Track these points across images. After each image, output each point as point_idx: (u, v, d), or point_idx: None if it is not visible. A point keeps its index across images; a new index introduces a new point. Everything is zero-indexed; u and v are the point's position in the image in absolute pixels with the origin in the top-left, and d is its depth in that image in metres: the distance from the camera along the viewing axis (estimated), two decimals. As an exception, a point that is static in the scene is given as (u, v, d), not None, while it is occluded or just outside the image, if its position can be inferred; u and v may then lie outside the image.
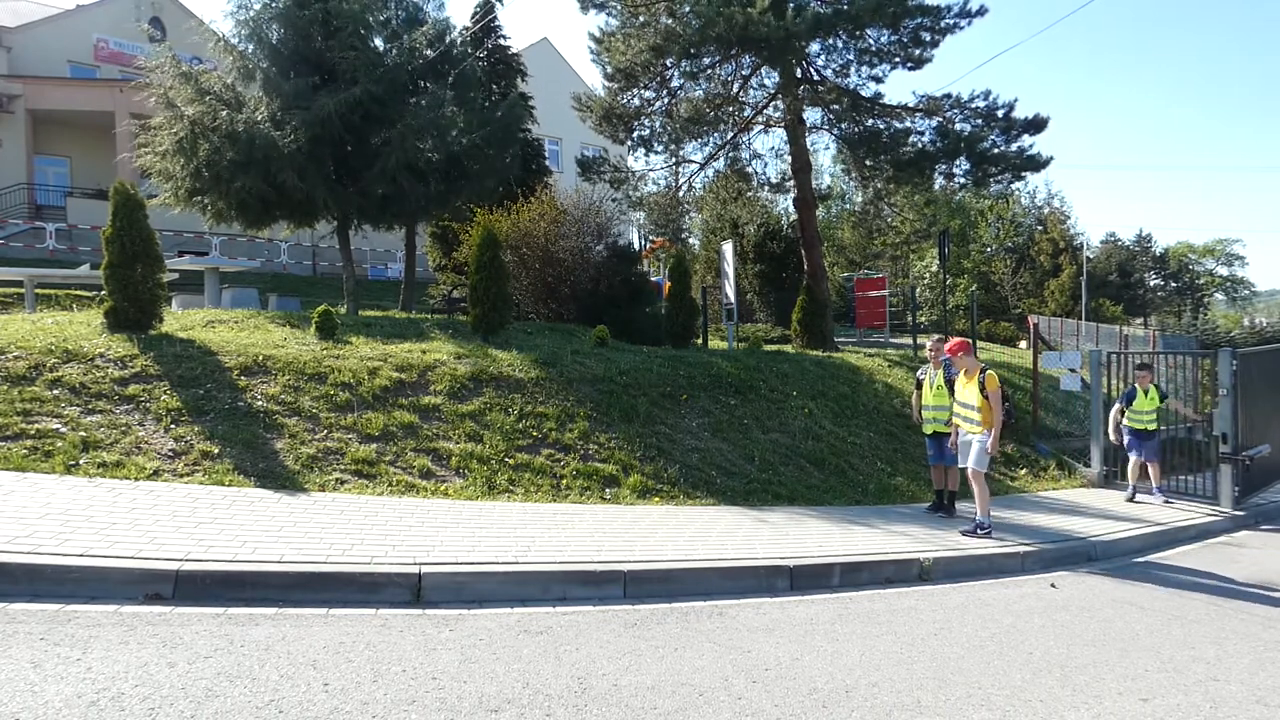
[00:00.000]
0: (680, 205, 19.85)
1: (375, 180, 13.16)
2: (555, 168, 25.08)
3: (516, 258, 13.17)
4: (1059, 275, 40.80)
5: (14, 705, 2.85)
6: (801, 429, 9.47)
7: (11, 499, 4.89)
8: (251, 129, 12.30)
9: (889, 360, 13.89)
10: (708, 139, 17.62)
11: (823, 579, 5.59)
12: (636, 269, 16.42)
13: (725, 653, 4.07)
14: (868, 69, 15.63)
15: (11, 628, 3.50)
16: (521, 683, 3.49)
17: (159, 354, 7.43)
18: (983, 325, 30.55)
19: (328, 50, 13.15)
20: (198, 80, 12.81)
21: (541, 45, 35.36)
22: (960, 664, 4.15)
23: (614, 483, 7.23)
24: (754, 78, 16.98)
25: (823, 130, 17.32)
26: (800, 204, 17.25)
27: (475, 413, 7.67)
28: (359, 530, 5.15)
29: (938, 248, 16.66)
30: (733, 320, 14.98)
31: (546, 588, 4.78)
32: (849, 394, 11.16)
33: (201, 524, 4.87)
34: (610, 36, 16.04)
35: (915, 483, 9.05)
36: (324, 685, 3.28)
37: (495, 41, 20.39)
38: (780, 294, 22.96)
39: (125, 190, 8.08)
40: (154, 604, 3.96)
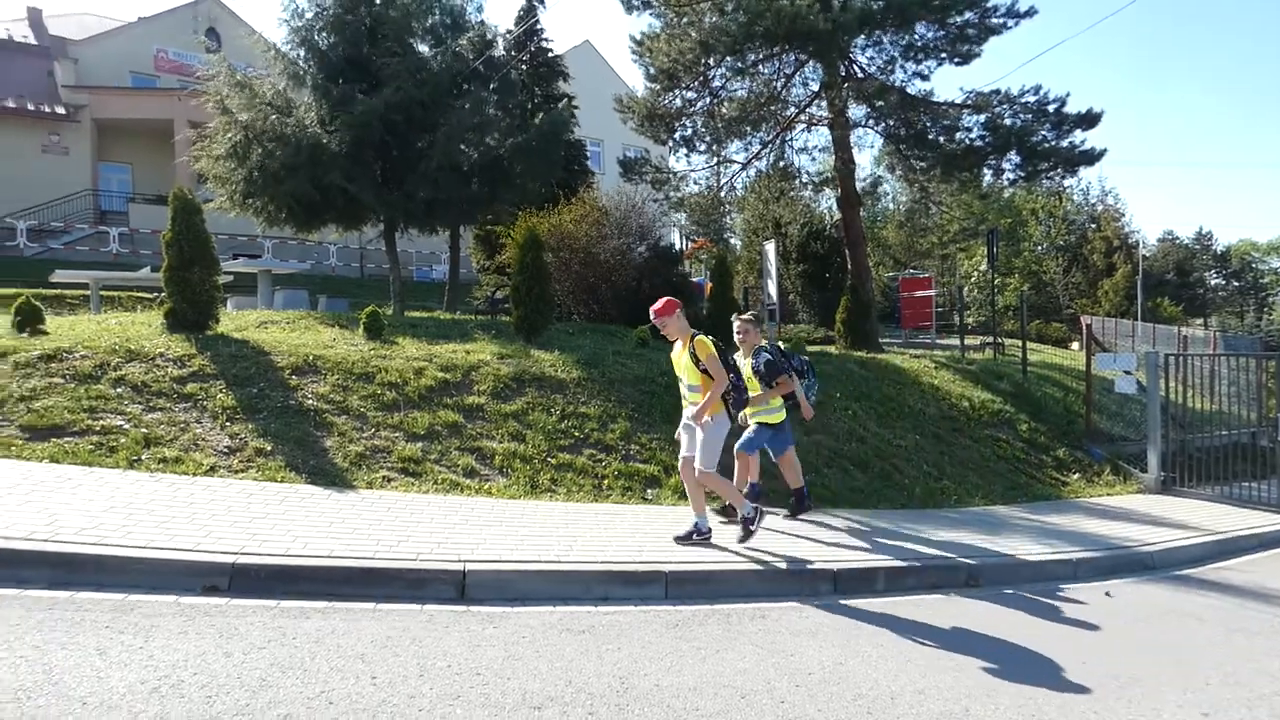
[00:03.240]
0: (722, 206, 19.78)
1: (419, 183, 13.39)
2: (597, 169, 25.20)
3: (558, 259, 13.26)
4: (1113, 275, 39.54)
5: (81, 690, 2.98)
6: (845, 431, 9.35)
7: (79, 492, 5.10)
8: (300, 132, 12.62)
9: (935, 362, 13.64)
10: (750, 139, 17.53)
11: (867, 583, 5.51)
12: (678, 270, 16.39)
13: (768, 656, 4.04)
14: (914, 65, 15.38)
15: (79, 615, 3.65)
16: (564, 680, 3.52)
17: (215, 354, 7.67)
18: (1033, 326, 29.79)
19: (373, 56, 13.42)
20: (251, 87, 13.20)
21: (583, 47, 35.56)
22: (1009, 672, 4.05)
23: (655, 483, 7.23)
24: (797, 75, 16.83)
25: (867, 128, 17.08)
26: (844, 203, 17.05)
27: (518, 413, 7.75)
28: (405, 527, 5.25)
29: (986, 246, 16.32)
30: (775, 321, 14.86)
31: (588, 587, 4.80)
32: (894, 396, 10.98)
33: (255, 519, 5.01)
34: (652, 38, 16.06)
35: (963, 487, 8.87)
36: (372, 678, 3.35)
37: (538, 45, 20.58)
38: (823, 294, 22.70)
39: (183, 196, 8.36)
40: (211, 596, 4.09)
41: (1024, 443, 10.84)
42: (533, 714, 3.18)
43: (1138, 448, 11.25)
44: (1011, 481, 9.54)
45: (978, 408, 11.39)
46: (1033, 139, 14.75)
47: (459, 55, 14.26)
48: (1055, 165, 15.26)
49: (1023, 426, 11.26)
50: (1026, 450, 10.64)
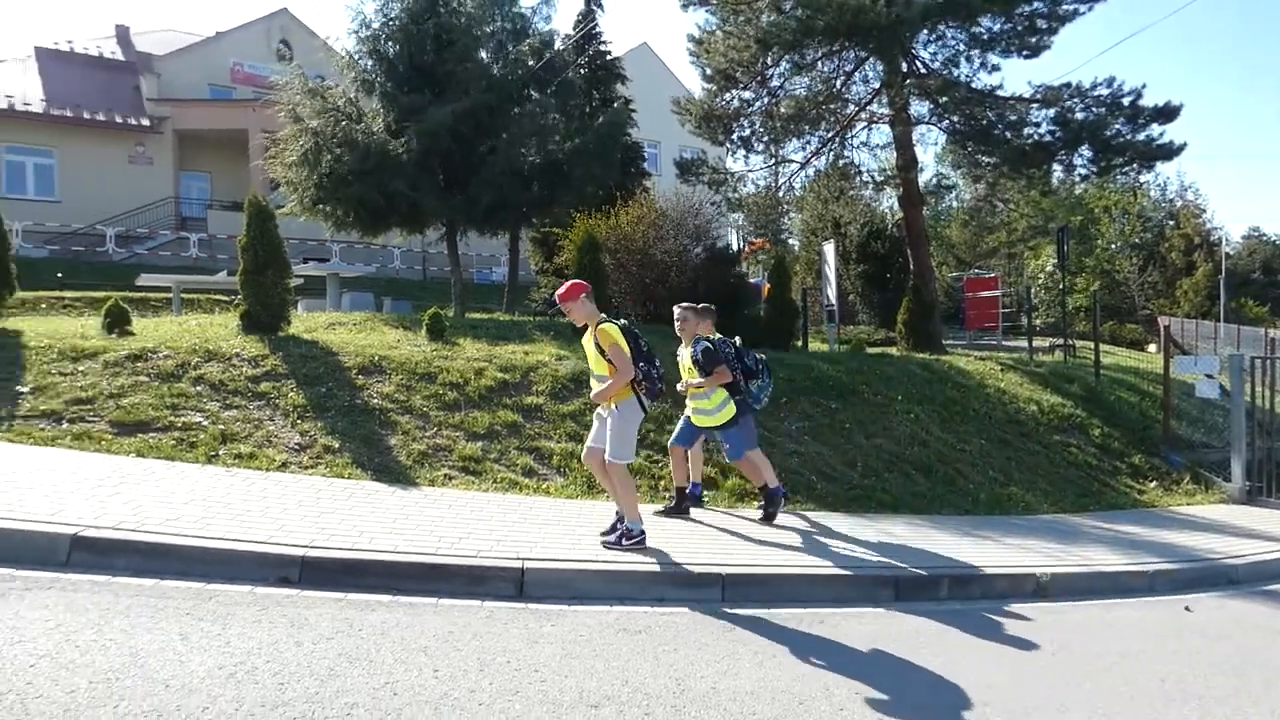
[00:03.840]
0: (780, 206, 19.61)
1: (481, 187, 13.64)
2: (654, 170, 25.23)
3: (615, 261, 13.32)
4: (1193, 274, 37.70)
5: (165, 673, 3.13)
6: (907, 434, 9.15)
7: (162, 485, 5.37)
8: (369, 139, 13.02)
9: (1001, 364, 13.23)
10: (809, 137, 17.32)
11: (929, 590, 5.39)
12: (735, 271, 16.28)
13: (827, 662, 3.98)
14: (979, 59, 14.97)
15: (162, 602, 3.84)
16: (621, 680, 3.54)
17: (286, 354, 7.97)
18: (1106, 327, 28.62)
19: (439, 64, 13.74)
20: (321, 95, 13.67)
21: (641, 50, 35.66)
22: (1082, 687, 3.91)
23: (711, 485, 7.21)
24: (858, 72, 16.55)
25: (930, 124, 16.70)
26: (906, 202, 16.70)
27: (576, 413, 7.82)
28: (466, 524, 5.35)
29: (1056, 245, 15.73)
30: (834, 322, 14.65)
31: (644, 587, 4.82)
32: (958, 399, 10.70)
33: (324, 514, 5.18)
34: (710, 36, 16.02)
35: (1031, 493, 8.58)
36: (434, 671, 3.43)
37: (596, 48, 20.72)
38: (884, 295, 22.26)
39: (258, 202, 8.72)
40: (283, 587, 4.25)
41: (1096, 449, 10.42)
42: (590, 712, 3.21)
43: (1220, 455, 10.69)
44: (1083, 489, 9.19)
45: (1047, 412, 11.01)
46: (1106, 133, 14.18)
47: (520, 61, 14.50)
48: (1130, 160, 14.66)
49: (1095, 432, 10.82)
50: (1099, 457, 10.23)
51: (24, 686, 2.91)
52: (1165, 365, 11.79)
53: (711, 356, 6.04)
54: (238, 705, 2.95)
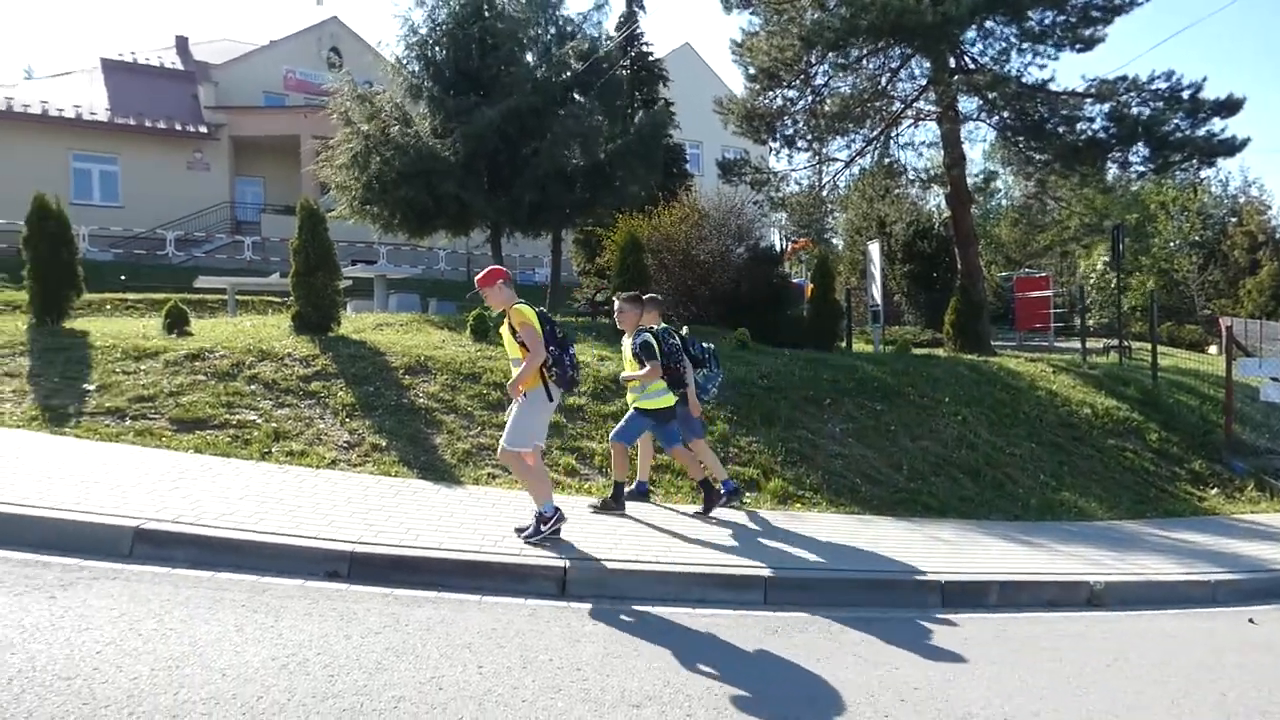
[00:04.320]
0: (824, 205, 19.40)
1: (525, 189, 13.79)
2: (696, 171, 25.20)
3: (657, 261, 13.34)
4: (1257, 273, 36.11)
5: (222, 662, 3.24)
6: (954, 437, 8.97)
7: (218, 480, 5.54)
8: (417, 143, 13.27)
9: (1053, 365, 12.88)
10: (853, 136, 17.10)
11: (978, 597, 5.28)
12: (778, 271, 16.17)
13: (871, 668, 3.93)
14: (1030, 53, 14.60)
15: (219, 594, 3.97)
16: (662, 681, 3.54)
17: (336, 354, 8.16)
18: (1164, 328, 27.65)
19: (484, 68, 13.93)
20: (371, 100, 13.97)
21: (683, 50, 35.61)
22: (1138, 700, 3.79)
23: (754, 486, 7.17)
24: (903, 69, 16.29)
25: (979, 121, 16.36)
26: (953, 200, 16.37)
27: (617, 413, 7.83)
28: (509, 523, 5.41)
29: (1111, 243, 15.25)
30: (879, 322, 14.44)
31: (686, 588, 4.81)
32: (1008, 401, 10.45)
33: (372, 510, 5.30)
34: (753, 36, 15.93)
35: (1084, 498, 8.34)
36: (478, 667, 3.48)
37: (638, 50, 20.79)
38: (931, 295, 21.86)
39: (309, 206, 8.95)
40: (332, 581, 4.35)
41: (1154, 454, 10.08)
42: (632, 712, 3.22)
43: (1288, 462, 10.26)
44: (1139, 495, 8.90)
45: (1101, 415, 10.69)
46: (1163, 128, 13.71)
47: (564, 63, 14.62)
48: (1189, 156, 14.15)
49: (1152, 436, 10.47)
50: (1156, 462, 9.89)
51: (90, 672, 3.03)
52: (1227, 367, 11.34)
53: (649, 350, 5.88)
54: (290, 695, 3.03)
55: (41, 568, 4.00)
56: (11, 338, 8.08)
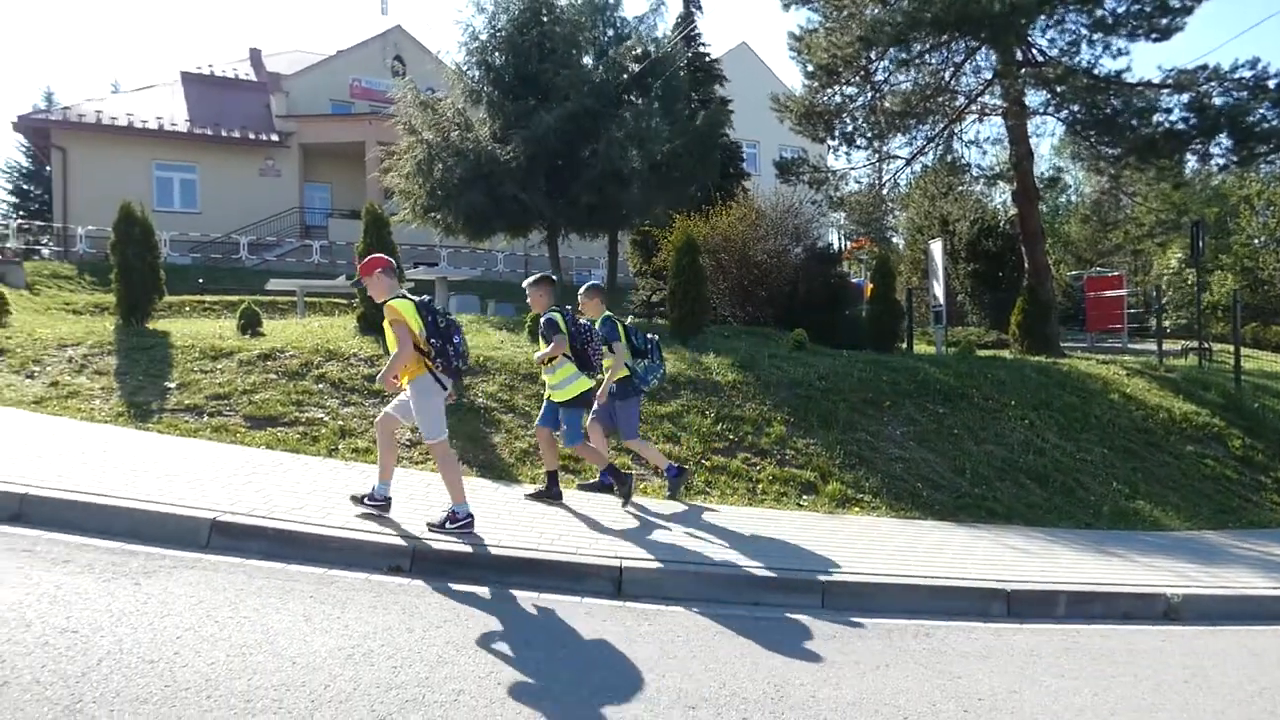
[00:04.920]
0: (884, 203, 19.00)
1: (583, 190, 13.92)
2: (753, 171, 25.00)
3: (714, 262, 13.30)
4: (1354, 270, 33.91)
5: (292, 651, 3.36)
6: (1021, 442, 8.69)
7: (289, 475, 5.76)
8: (478, 148, 13.53)
9: (1127, 368, 12.36)
10: (915, 132, 16.71)
11: (1045, 607, 5.10)
12: (836, 271, 15.96)
13: (932, 676, 3.85)
14: (1102, 43, 14.02)
15: (289, 585, 4.12)
16: (718, 683, 3.53)
17: (399, 354, 8.36)
18: (1248, 329, 26.22)
19: (543, 71, 14.11)
20: (433, 107, 14.31)
21: (740, 49, 35.39)
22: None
23: (811, 489, 7.08)
24: (968, 63, 15.84)
25: (1048, 115, 15.77)
26: (1020, 197, 15.87)
27: (673, 414, 7.85)
28: (565, 522, 5.48)
29: (1190, 240, 14.54)
30: (942, 323, 14.09)
31: (740, 591, 4.79)
32: (1078, 405, 10.07)
33: (432, 507, 5.41)
34: (811, 33, 15.72)
35: (1160, 507, 7.98)
36: (536, 664, 3.53)
37: (695, 50, 20.74)
38: (996, 295, 21.22)
39: (374, 211, 9.21)
40: (395, 575, 4.47)
41: (1237, 461, 9.58)
42: (687, 713, 3.22)
43: (1388, 472, 9.62)
44: (1221, 504, 8.47)
45: (1179, 420, 10.21)
46: (1248, 119, 13.02)
47: (621, 65, 14.71)
48: (1276, 148, 13.38)
49: (1235, 443, 9.95)
50: (1240, 470, 9.40)
51: (171, 656, 3.19)
52: (1320, 371, 10.70)
53: (551, 327, 5.77)
54: (355, 685, 3.13)
55: (127, 556, 4.22)
56: (100, 338, 8.54)
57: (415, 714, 2.97)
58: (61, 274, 18.86)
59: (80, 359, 7.94)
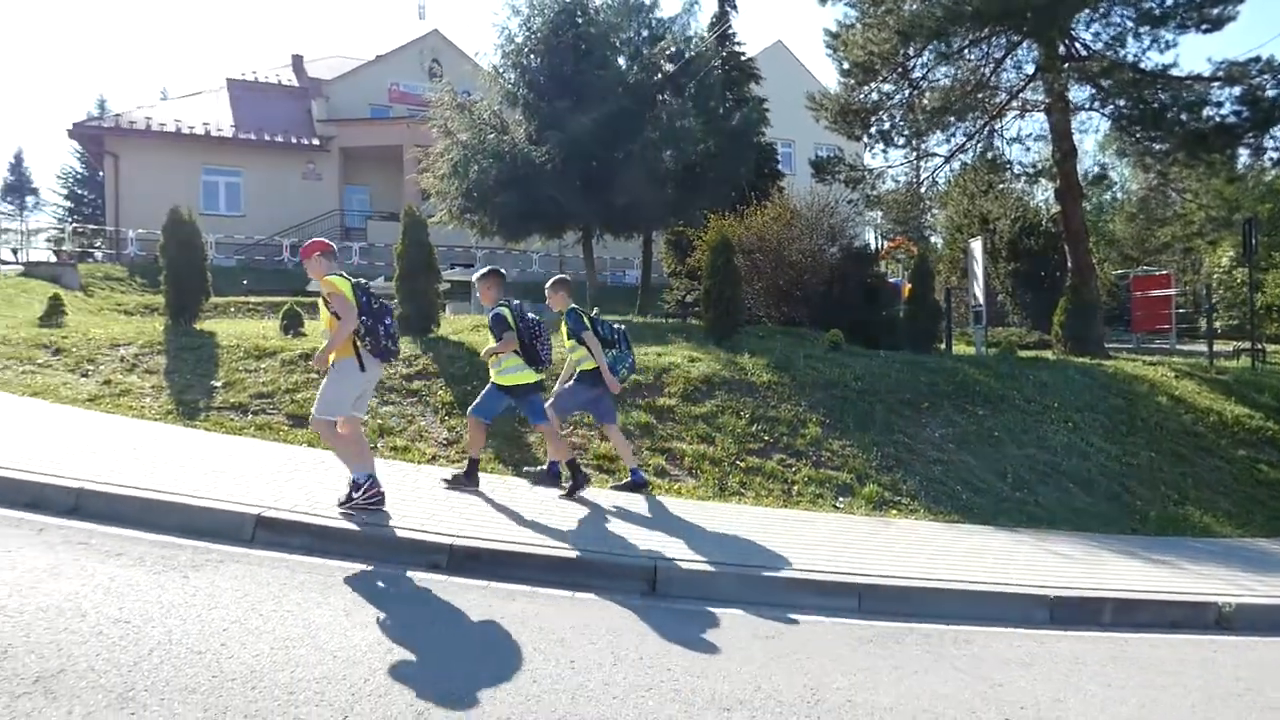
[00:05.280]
0: (922, 202, 18.77)
1: (618, 191, 13.95)
2: (788, 170, 24.83)
3: (749, 262, 13.23)
4: None
5: (333, 645, 3.43)
6: (1064, 445, 8.50)
7: (330, 473, 5.85)
8: (514, 149, 13.64)
9: (1175, 370, 12.01)
10: (954, 130, 16.46)
11: (1090, 614, 4.98)
12: (872, 270, 15.76)
13: (972, 682, 3.78)
14: (1148, 37, 13.65)
15: (331, 580, 4.19)
16: (753, 686, 3.51)
17: (436, 354, 8.49)
18: (1306, 330, 25.24)
19: (578, 73, 14.18)
20: (469, 110, 14.46)
21: (775, 48, 35.15)
22: (1274, 733, 3.49)
23: (847, 491, 7.01)
24: (1009, 58, 15.55)
25: (1092, 110, 15.42)
26: (1063, 194, 15.53)
27: (708, 415, 7.84)
28: (601, 521, 5.49)
29: (1242, 238, 14.08)
30: (982, 323, 13.84)
31: (777, 593, 4.76)
32: (1124, 407, 9.81)
33: (469, 506, 5.49)
34: (848, 29, 15.57)
35: (1210, 513, 7.75)
36: (570, 662, 3.55)
37: (730, 49, 20.65)
38: (1038, 295, 20.78)
39: (412, 213, 9.36)
40: (432, 572, 4.53)
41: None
42: (722, 715, 3.21)
43: None
44: (1275, 511, 8.19)
45: (1231, 424, 9.89)
46: (1303, 111, 12.58)
47: (655, 65, 14.72)
48: (1335, 141, 12.91)
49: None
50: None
51: (219, 647, 3.27)
52: (1383, 373, 10.29)
53: (500, 323, 5.80)
54: (395, 679, 3.18)
55: (176, 549, 4.34)
56: (150, 338, 8.80)
57: (452, 709, 3.01)
58: (113, 276, 19.46)
59: (131, 358, 8.19)
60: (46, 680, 2.86)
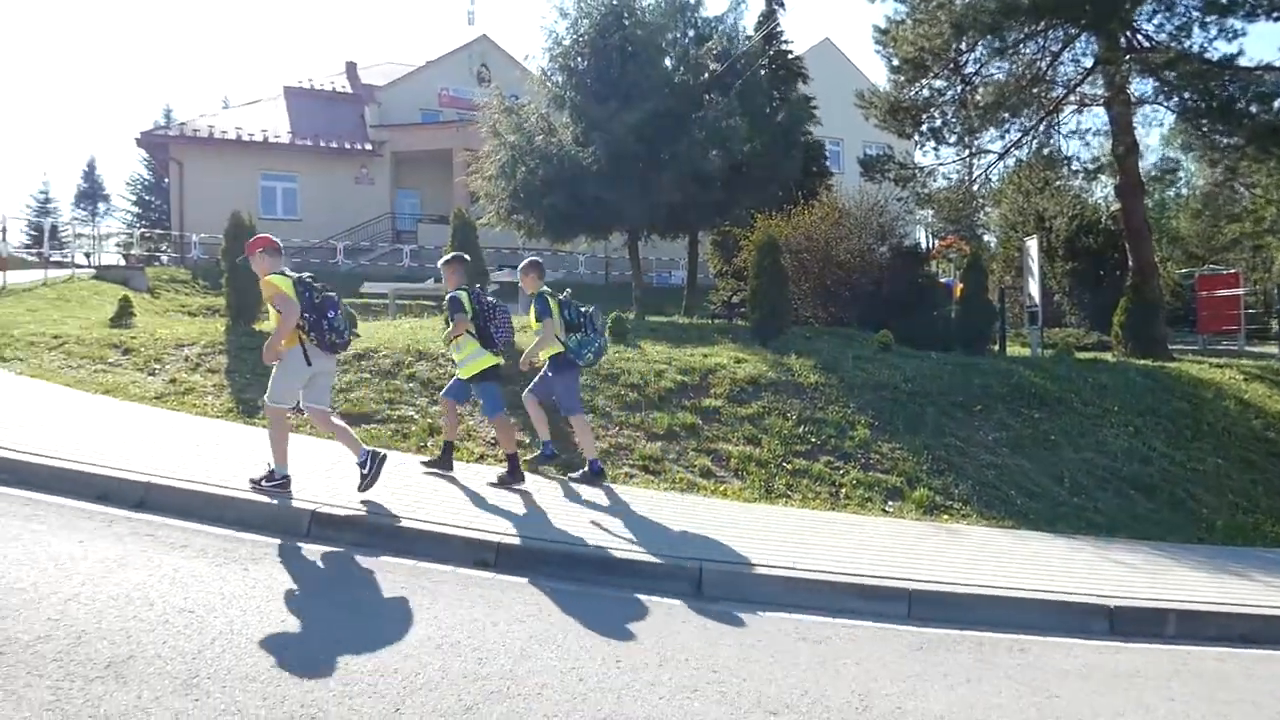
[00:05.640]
0: (974, 200, 18.33)
1: (664, 191, 13.95)
2: (836, 169, 24.51)
3: (796, 262, 13.09)
4: None
5: (385, 638, 3.51)
6: (1124, 450, 8.21)
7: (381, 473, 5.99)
8: (561, 151, 13.76)
9: (1244, 372, 11.50)
10: (1009, 126, 16.03)
11: (1152, 625, 4.81)
12: (923, 270, 15.46)
13: (1027, 693, 3.68)
14: (1215, 26, 13.09)
15: (384, 575, 4.30)
16: (800, 690, 3.48)
17: (484, 354, 8.60)
18: (1389, 330, 23.91)
19: (624, 74, 14.23)
20: (517, 113, 14.64)
21: (823, 46, 34.73)
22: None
23: (897, 495, 6.89)
24: (1066, 51, 15.08)
25: (1155, 104, 14.87)
26: (1124, 191, 15.00)
27: (754, 416, 7.79)
28: (645, 522, 5.51)
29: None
30: (1038, 324, 13.46)
31: (824, 597, 4.70)
32: (1188, 411, 9.44)
33: (515, 504, 5.55)
34: (898, 25, 15.30)
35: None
36: (616, 661, 3.57)
37: (777, 48, 20.49)
38: (1096, 294, 20.10)
39: (461, 215, 9.53)
40: (480, 569, 4.60)
41: (1375, 475, 8.77)
42: (768, 718, 3.19)
43: None
44: (1356, 522, 7.77)
45: (1306, 430, 9.43)
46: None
47: (702, 65, 14.69)
48: None
49: (1373, 455, 9.11)
50: (1379, 485, 8.60)
51: (277, 638, 3.38)
52: None
53: (455, 304, 5.90)
54: (444, 674, 3.24)
55: (237, 542, 4.50)
56: (212, 338, 9.12)
57: (499, 705, 3.05)
58: (178, 278, 20.20)
59: (195, 358, 8.50)
60: (117, 665, 3.00)
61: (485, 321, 6.00)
